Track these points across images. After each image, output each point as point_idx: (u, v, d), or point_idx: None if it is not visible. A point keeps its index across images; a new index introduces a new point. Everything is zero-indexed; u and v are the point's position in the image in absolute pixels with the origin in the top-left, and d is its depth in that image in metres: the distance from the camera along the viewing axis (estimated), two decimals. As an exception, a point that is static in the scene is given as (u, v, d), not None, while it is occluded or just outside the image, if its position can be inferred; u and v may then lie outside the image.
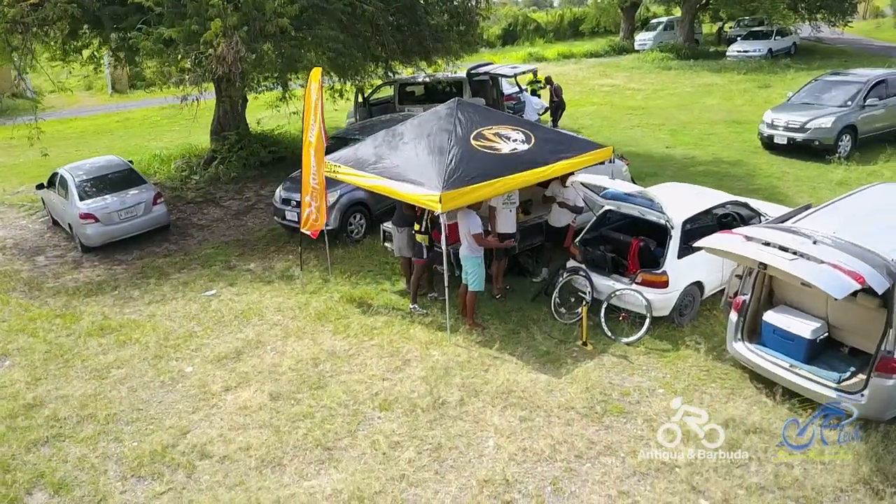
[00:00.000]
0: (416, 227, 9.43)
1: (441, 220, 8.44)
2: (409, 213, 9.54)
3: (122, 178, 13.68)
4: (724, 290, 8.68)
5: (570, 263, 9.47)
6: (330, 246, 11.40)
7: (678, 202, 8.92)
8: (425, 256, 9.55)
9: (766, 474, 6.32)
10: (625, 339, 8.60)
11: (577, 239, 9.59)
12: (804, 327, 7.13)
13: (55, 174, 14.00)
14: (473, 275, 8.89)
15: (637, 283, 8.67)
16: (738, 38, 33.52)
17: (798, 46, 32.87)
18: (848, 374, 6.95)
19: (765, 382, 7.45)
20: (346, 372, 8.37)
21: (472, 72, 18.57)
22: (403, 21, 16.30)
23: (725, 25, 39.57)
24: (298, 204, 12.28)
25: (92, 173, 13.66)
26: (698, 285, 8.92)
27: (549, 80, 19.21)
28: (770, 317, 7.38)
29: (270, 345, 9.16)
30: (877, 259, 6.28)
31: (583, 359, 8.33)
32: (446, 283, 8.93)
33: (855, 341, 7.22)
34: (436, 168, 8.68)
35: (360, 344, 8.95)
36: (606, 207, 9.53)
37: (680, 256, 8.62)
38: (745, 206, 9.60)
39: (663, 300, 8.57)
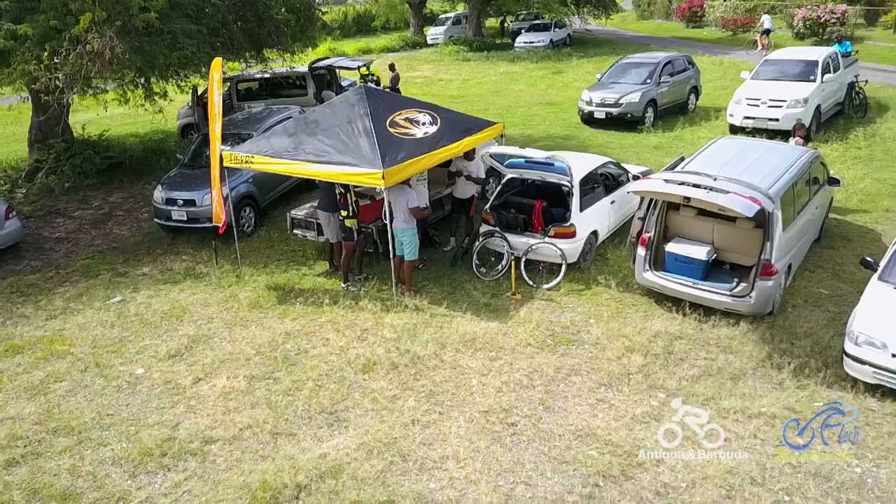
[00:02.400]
0: (344, 212, 9.92)
1: (385, 198, 9.12)
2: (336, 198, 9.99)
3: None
4: (610, 235, 10.38)
5: (484, 228, 10.57)
6: (228, 241, 11.41)
7: (571, 165, 10.37)
8: (355, 239, 10.09)
9: (700, 366, 7.94)
10: (546, 286, 9.91)
11: (487, 206, 10.71)
12: (699, 252, 8.92)
13: None
14: (409, 245, 9.65)
15: (550, 237, 10.00)
16: (523, 31, 36.87)
17: (572, 37, 36.96)
18: (734, 283, 8.85)
19: (672, 301, 9.15)
20: (311, 348, 8.74)
21: (314, 66, 18.91)
22: (248, 15, 16.27)
23: (507, 19, 43.10)
24: (185, 202, 12.12)
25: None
26: (595, 234, 10.48)
27: (392, 67, 20.05)
28: (671, 247, 9.09)
29: (218, 336, 9.19)
30: (756, 189, 8.16)
31: (518, 306, 9.49)
32: (392, 256, 9.63)
33: (735, 258, 9.15)
34: (368, 149, 9.28)
35: (312, 323, 9.32)
36: (509, 175, 10.76)
37: (581, 210, 10.10)
38: (617, 165, 11.39)
39: (573, 248, 10.00)
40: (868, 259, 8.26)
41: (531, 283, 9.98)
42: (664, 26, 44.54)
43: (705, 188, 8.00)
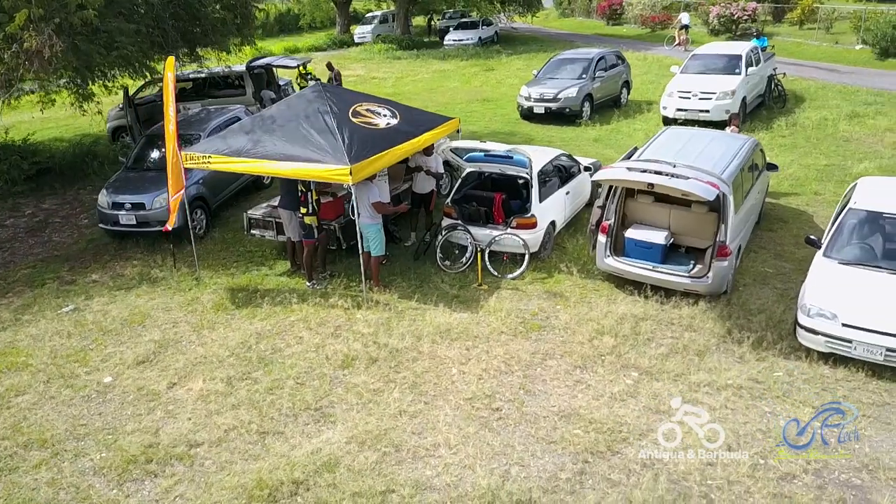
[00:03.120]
0: (303, 210, 9.87)
1: (353, 194, 9.15)
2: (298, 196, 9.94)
3: None
4: (566, 225, 10.74)
5: (446, 221, 10.72)
6: (181, 244, 11.23)
7: (532, 158, 10.64)
8: (315, 237, 10.05)
9: (667, 344, 8.34)
10: (510, 276, 10.15)
11: (448, 200, 10.87)
12: (658, 237, 9.35)
13: None
14: (375, 241, 9.70)
15: (512, 228, 10.24)
16: (451, 29, 37.20)
17: (499, 35, 37.55)
18: (691, 266, 9.32)
19: (634, 285, 9.54)
20: (286, 347, 8.68)
21: (252, 65, 18.59)
22: (182, 14, 15.85)
23: (434, 18, 43.35)
24: (134, 206, 11.77)
25: None
26: (553, 224, 10.79)
27: (329, 66, 19.92)
28: (631, 233, 9.49)
29: (186, 340, 9.00)
30: (712, 174, 8.63)
31: (486, 296, 9.69)
32: (361, 252, 9.64)
33: (690, 242, 9.63)
34: (333, 145, 9.26)
35: (282, 322, 9.25)
36: (469, 169, 10.95)
37: (540, 201, 10.39)
38: (569, 157, 11.76)
39: (534, 238, 10.27)
40: (812, 238, 8.85)
41: (496, 273, 10.20)
42: (585, 24, 45.78)
43: (666, 175, 8.41)
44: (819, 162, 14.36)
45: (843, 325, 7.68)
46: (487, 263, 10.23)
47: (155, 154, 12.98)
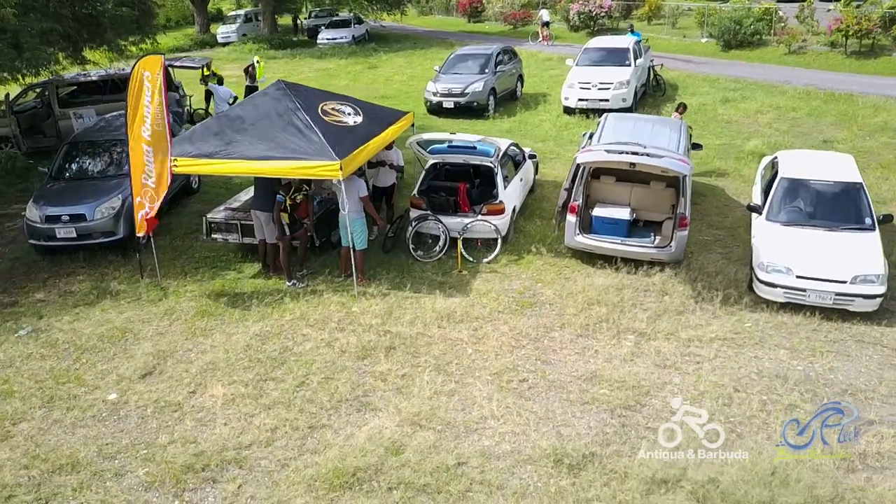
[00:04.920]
0: (285, 207, 9.82)
1: (341, 188, 9.25)
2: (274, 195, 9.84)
3: None
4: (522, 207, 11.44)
5: (415, 213, 11.01)
6: (128, 254, 10.96)
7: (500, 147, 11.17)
8: (287, 234, 10.02)
9: (651, 308, 9.22)
10: (486, 260, 10.65)
11: (415, 191, 11.17)
12: (623, 213, 10.25)
13: None
14: (360, 234, 9.84)
15: (483, 214, 10.74)
16: (322, 28, 36.82)
17: (370, 33, 37.73)
18: (652, 237, 10.30)
19: (603, 259, 10.36)
20: (294, 345, 8.66)
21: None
22: (81, 10, 14.84)
23: (300, 16, 42.62)
24: (73, 218, 11.05)
25: None
26: (514, 209, 11.42)
27: (246, 70, 19.25)
28: (598, 212, 10.32)
29: (182, 349, 8.71)
30: (675, 153, 9.63)
31: (469, 281, 10.14)
32: (352, 247, 9.73)
33: (648, 216, 10.62)
34: (314, 142, 9.30)
35: (278, 322, 9.17)
36: (432, 161, 11.31)
37: (505, 188, 10.98)
38: (517, 146, 12.44)
39: (504, 223, 10.84)
40: (753, 204, 10.12)
41: (471, 259, 10.66)
42: (446, 21, 46.96)
43: (641, 155, 9.28)
44: (714, 142, 16.05)
45: (798, 276, 8.91)
46: (461, 250, 10.65)
47: (84, 162, 12.17)
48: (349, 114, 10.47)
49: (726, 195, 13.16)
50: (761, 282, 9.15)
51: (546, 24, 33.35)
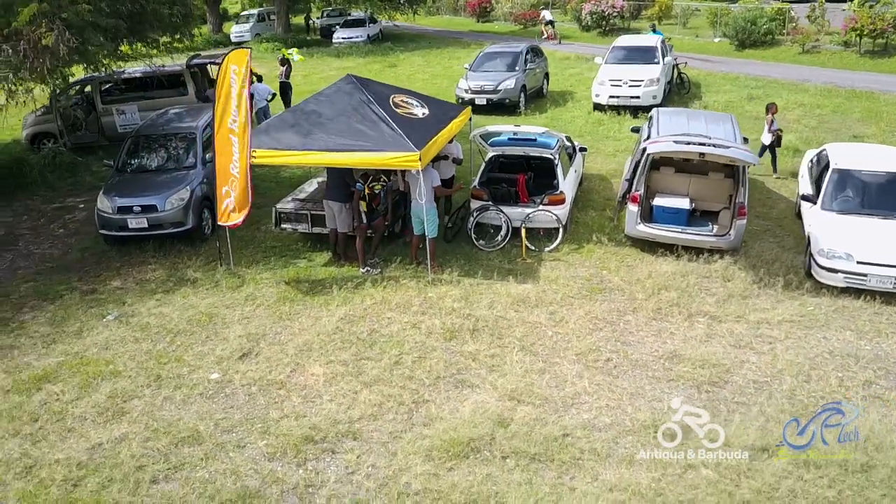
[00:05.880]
0: (364, 196, 10.20)
1: (419, 178, 9.61)
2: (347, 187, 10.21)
3: None
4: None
5: (476, 204, 11.37)
6: (195, 244, 11.43)
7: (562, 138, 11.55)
8: (364, 222, 10.38)
9: (717, 293, 9.60)
10: (548, 249, 11.03)
11: (475, 183, 11.54)
12: (683, 203, 10.65)
13: None
14: (433, 223, 10.19)
15: (544, 205, 11.12)
16: (337, 27, 37.13)
17: (384, 32, 38.08)
18: (710, 226, 10.71)
19: (663, 247, 10.74)
20: (381, 328, 8.99)
21: (193, 63, 17.97)
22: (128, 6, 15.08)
23: (312, 15, 42.90)
24: (145, 209, 11.35)
25: None
26: (572, 199, 11.80)
27: (282, 61, 19.60)
28: (658, 202, 10.71)
29: (272, 332, 9.04)
30: (737, 144, 10.03)
31: (535, 268, 10.51)
32: (426, 235, 10.05)
33: (705, 206, 11.01)
34: (391, 134, 9.63)
35: (362, 307, 9.50)
36: (492, 153, 11.68)
37: (563, 178, 11.37)
38: (569, 138, 12.84)
39: (564, 213, 11.22)
40: (806, 194, 10.54)
41: (533, 248, 11.02)
42: (455, 21, 47.41)
43: (708, 145, 9.69)
44: (750, 136, 16.46)
45: (858, 262, 9.32)
46: (524, 239, 11.02)
47: (149, 155, 12.48)
48: (417, 106, 10.82)
49: (767, 188, 13.58)
50: (822, 267, 9.55)
51: (550, 23, 33.84)
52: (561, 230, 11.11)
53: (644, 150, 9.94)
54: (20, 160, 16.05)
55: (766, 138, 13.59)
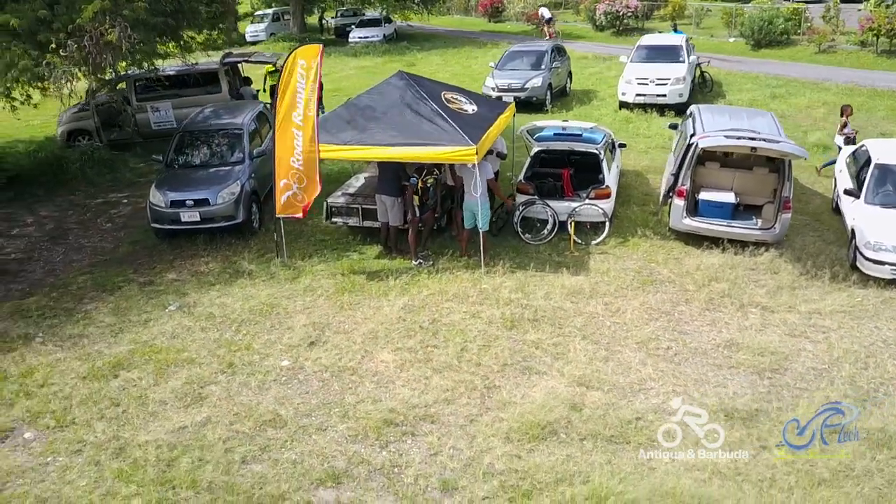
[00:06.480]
0: (417, 189, 10.42)
1: (475, 172, 9.83)
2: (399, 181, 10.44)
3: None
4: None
5: (522, 198, 11.59)
6: (246, 238, 11.68)
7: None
8: (418, 215, 10.60)
9: (766, 284, 9.82)
10: (594, 242, 11.25)
11: (520, 178, 11.76)
12: (728, 197, 10.87)
13: None
14: (485, 216, 10.40)
15: (590, 199, 11.33)
16: (353, 27, 37.37)
17: (398, 32, 38.32)
18: (754, 219, 10.93)
19: (708, 240, 10.95)
20: (441, 317, 9.20)
21: (227, 61, 18.20)
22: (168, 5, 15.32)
23: (326, 14, 43.12)
24: (197, 202, 11.56)
25: None
26: (616, 193, 12.03)
27: None
28: (704, 196, 10.94)
29: (336, 322, 9.26)
30: (785, 139, 10.27)
31: (584, 260, 10.73)
32: (484, 228, 10.29)
33: (749, 200, 11.22)
34: (447, 129, 9.86)
35: (419, 297, 9.71)
36: (537, 148, 11.91)
37: (609, 173, 11.60)
38: (611, 134, 13.06)
39: (610, 207, 11.45)
40: (849, 189, 10.76)
41: (580, 241, 11.24)
42: (467, 21, 47.59)
43: (759, 140, 9.92)
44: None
45: (905, 254, 9.55)
46: (571, 232, 11.24)
47: (197, 150, 12.71)
48: (466, 102, 11.05)
49: (800, 184, 13.76)
50: (868, 260, 9.77)
51: (549, 21, 34.15)
52: (607, 224, 11.33)
53: (694, 144, 10.14)
54: (60, 157, 16.25)
55: (839, 140, 13.64)
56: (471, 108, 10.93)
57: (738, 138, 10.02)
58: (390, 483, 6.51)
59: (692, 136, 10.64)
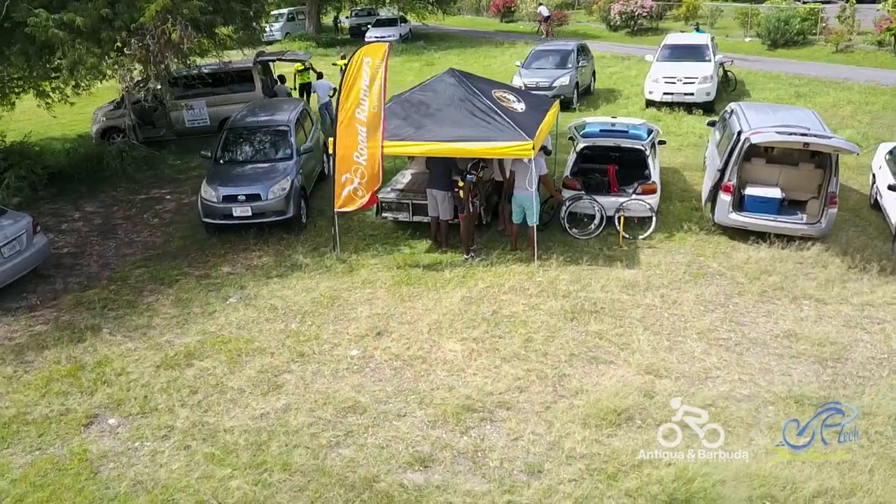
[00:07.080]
0: (461, 185, 10.60)
1: (530, 167, 10.03)
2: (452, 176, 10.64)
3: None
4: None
5: (568, 193, 11.78)
6: (295, 232, 11.92)
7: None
8: (471, 210, 10.80)
9: (816, 278, 10.01)
10: (642, 236, 11.44)
11: (567, 173, 11.96)
12: (774, 192, 11.06)
13: None
14: (536, 211, 10.60)
15: (637, 194, 11.53)
16: (370, 26, 37.58)
17: (413, 32, 38.53)
18: (799, 214, 11.12)
19: (754, 235, 11.14)
20: (500, 308, 9.39)
21: (260, 59, 18.39)
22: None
23: (341, 14, 43.36)
24: (249, 198, 11.75)
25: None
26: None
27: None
28: (750, 191, 11.13)
29: (398, 313, 9.44)
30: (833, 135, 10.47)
31: (633, 255, 10.92)
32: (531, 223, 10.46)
33: (794, 195, 11.41)
34: (503, 124, 10.08)
35: (477, 289, 9.90)
36: (583, 144, 12.10)
37: (654, 168, 11.79)
38: (658, 131, 13.27)
39: (656, 202, 11.64)
40: (893, 184, 10.96)
41: (627, 235, 11.44)
42: (478, 21, 47.85)
43: (811, 136, 10.11)
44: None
45: (953, 248, 9.76)
46: (619, 226, 11.42)
47: (247, 147, 12.91)
48: (514, 100, 11.24)
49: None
50: (916, 253, 9.98)
51: (546, 19, 34.46)
52: (654, 218, 11.52)
53: (743, 140, 10.33)
54: (99, 153, 16.42)
55: None
56: (520, 106, 11.12)
57: (791, 134, 10.21)
58: (476, 466, 6.69)
59: (739, 132, 10.83)
